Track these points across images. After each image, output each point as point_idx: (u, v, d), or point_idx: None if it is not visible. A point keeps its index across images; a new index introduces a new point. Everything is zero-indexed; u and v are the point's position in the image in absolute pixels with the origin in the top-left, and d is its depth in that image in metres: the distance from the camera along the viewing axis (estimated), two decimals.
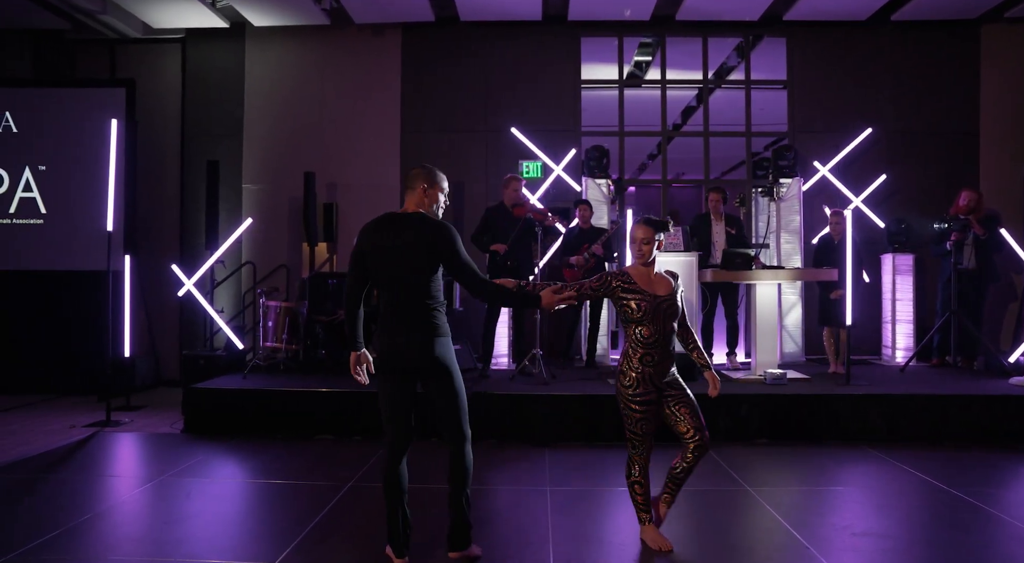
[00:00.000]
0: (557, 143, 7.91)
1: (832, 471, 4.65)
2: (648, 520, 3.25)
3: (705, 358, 3.39)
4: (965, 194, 6.96)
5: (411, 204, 3.17)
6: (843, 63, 8.04)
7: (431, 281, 3.04)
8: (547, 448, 5.13)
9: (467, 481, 3.14)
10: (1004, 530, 3.54)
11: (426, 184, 3.14)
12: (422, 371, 3.12)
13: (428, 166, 3.23)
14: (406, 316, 3.04)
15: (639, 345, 3.21)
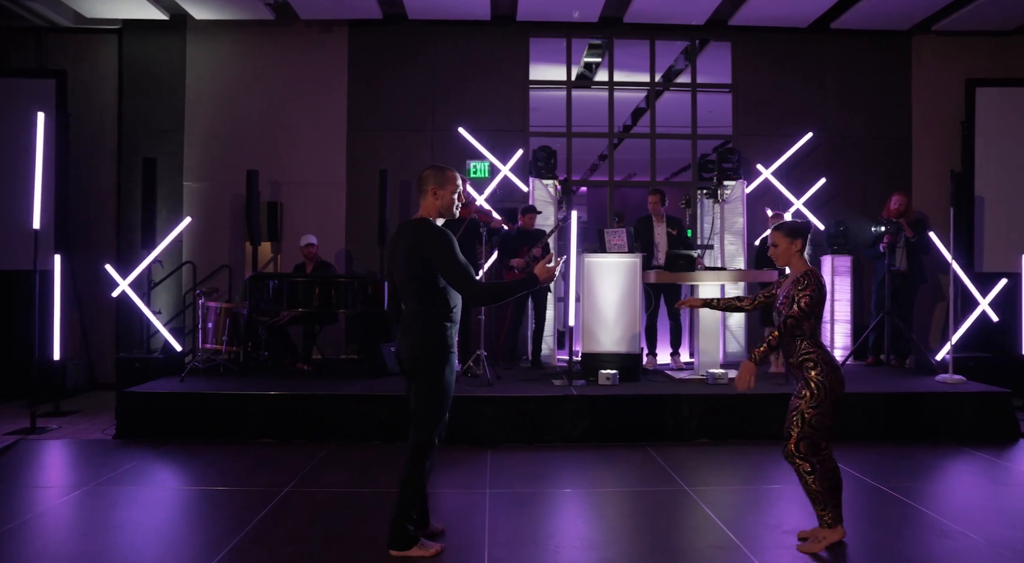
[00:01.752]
0: (505, 143, 7.90)
1: (770, 470, 4.73)
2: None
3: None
4: (896, 198, 7.18)
5: (422, 209, 3.17)
6: (786, 68, 8.22)
7: (424, 287, 3.05)
8: (490, 450, 5.11)
9: (404, 484, 3.12)
10: (925, 524, 3.65)
11: (436, 186, 3.12)
12: (409, 375, 3.16)
13: (438, 165, 3.21)
14: (404, 321, 3.14)
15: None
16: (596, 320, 6.27)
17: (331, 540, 3.41)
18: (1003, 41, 8.29)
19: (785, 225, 3.42)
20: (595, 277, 6.32)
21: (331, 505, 3.92)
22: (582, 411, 5.44)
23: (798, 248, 3.33)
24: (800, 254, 3.35)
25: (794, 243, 3.33)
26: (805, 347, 3.24)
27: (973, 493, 4.38)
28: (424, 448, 3.13)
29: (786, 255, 3.34)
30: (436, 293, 3.07)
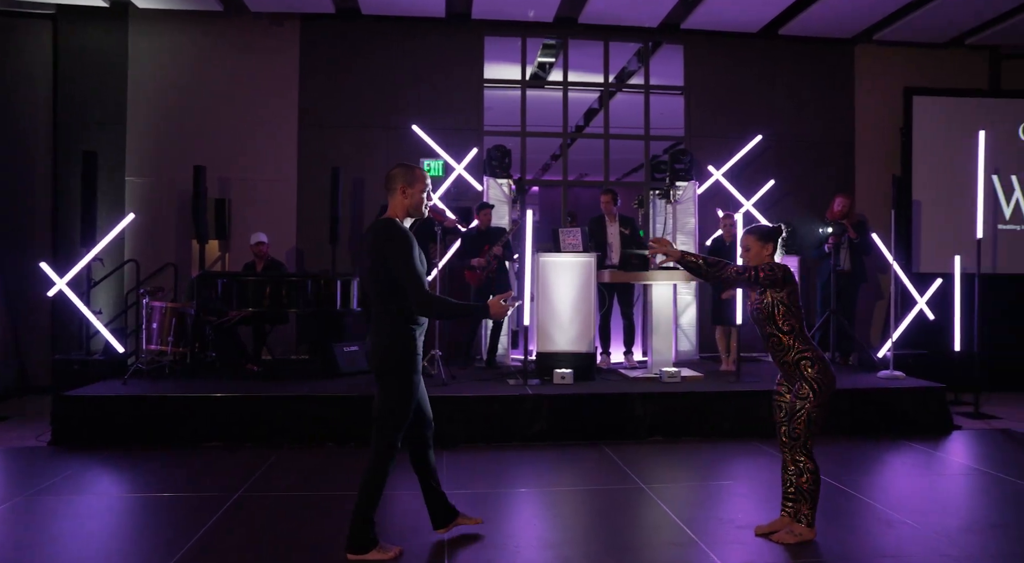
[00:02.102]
0: (459, 142, 7.85)
1: (723, 466, 4.82)
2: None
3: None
4: (839, 200, 7.41)
5: (390, 208, 3.13)
6: (736, 72, 8.38)
7: (387, 288, 3.01)
8: (447, 450, 5.06)
9: (364, 487, 3.08)
10: (871, 515, 3.77)
11: (405, 184, 3.08)
12: (375, 376, 3.09)
13: (407, 164, 3.17)
14: (372, 322, 3.11)
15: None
16: (551, 319, 6.29)
17: (285, 546, 3.33)
18: (937, 53, 8.64)
19: (756, 229, 3.45)
20: (550, 277, 6.34)
21: (284, 510, 3.83)
22: (538, 410, 5.45)
23: (769, 252, 3.38)
24: (771, 257, 3.40)
25: (765, 247, 3.38)
26: (799, 346, 3.28)
27: (914, 483, 4.54)
28: (388, 451, 3.08)
29: (758, 258, 3.38)
30: (400, 293, 3.00)
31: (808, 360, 3.26)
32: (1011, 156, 8.24)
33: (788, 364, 3.33)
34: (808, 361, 3.26)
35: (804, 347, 3.28)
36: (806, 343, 3.30)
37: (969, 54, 8.73)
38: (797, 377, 3.30)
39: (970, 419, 6.26)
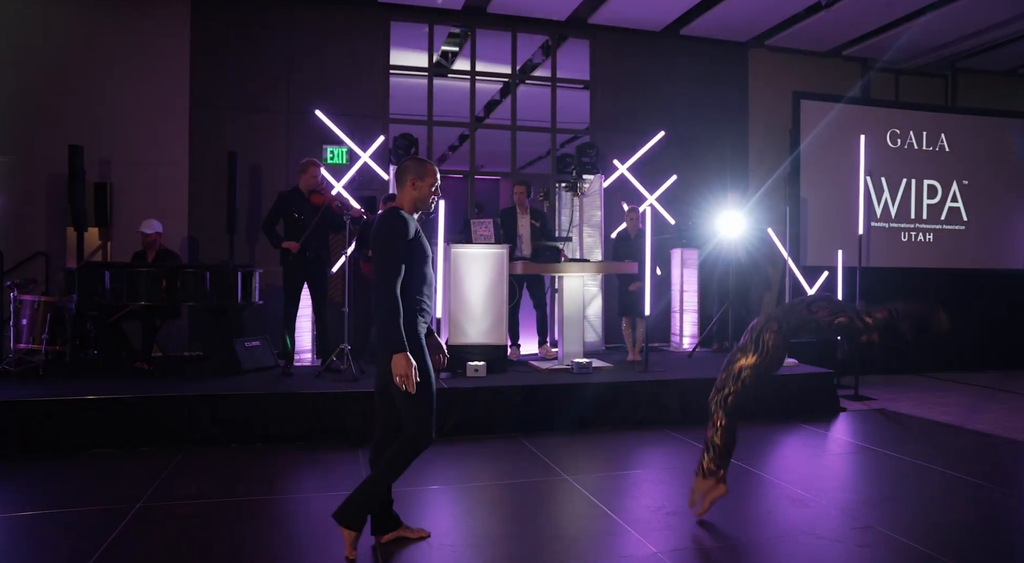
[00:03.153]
0: (364, 129, 7.60)
1: (640, 454, 4.93)
2: None
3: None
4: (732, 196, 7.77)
5: (398, 199, 3.15)
6: (640, 69, 8.59)
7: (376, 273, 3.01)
8: (360, 448, 4.89)
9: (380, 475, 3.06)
10: (780, 493, 3.97)
11: (415, 176, 3.11)
12: (382, 367, 3.00)
13: (419, 158, 3.21)
14: (374, 308, 3.06)
15: None
16: (463, 311, 6.22)
17: (199, 558, 3.09)
18: (821, 61, 9.23)
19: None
20: (462, 268, 6.26)
21: (193, 519, 3.56)
22: (453, 404, 5.37)
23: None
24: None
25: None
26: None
27: (813, 462, 4.82)
28: (419, 440, 3.00)
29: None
30: (407, 282, 3.00)
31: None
32: (880, 160, 8.93)
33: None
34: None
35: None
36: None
37: (845, 64, 9.38)
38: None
39: (851, 401, 6.73)
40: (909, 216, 9.22)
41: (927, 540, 3.30)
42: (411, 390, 2.88)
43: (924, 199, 9.31)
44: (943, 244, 9.36)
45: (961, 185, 9.49)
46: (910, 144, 9.25)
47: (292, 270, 5.92)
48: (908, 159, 9.23)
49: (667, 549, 3.18)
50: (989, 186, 9.65)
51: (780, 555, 3.16)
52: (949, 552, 3.15)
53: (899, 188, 9.17)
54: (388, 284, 2.92)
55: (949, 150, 9.42)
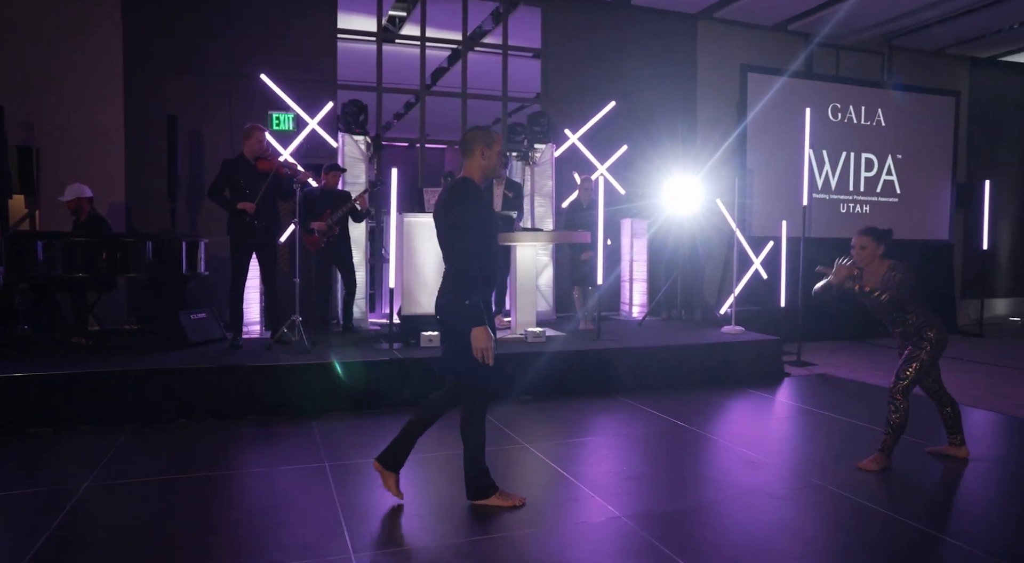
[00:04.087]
0: (312, 95, 7.37)
1: (596, 421, 4.99)
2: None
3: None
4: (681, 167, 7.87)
5: (466, 169, 3.18)
6: (592, 38, 8.55)
7: (450, 244, 3.09)
8: (315, 421, 4.82)
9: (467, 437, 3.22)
10: (734, 456, 4.09)
11: (483, 146, 3.15)
12: (447, 333, 3.18)
13: (481, 127, 3.26)
14: (443, 280, 3.16)
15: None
16: (416, 281, 6.15)
17: (155, 537, 3.00)
18: (767, 34, 9.35)
19: (872, 231, 3.88)
20: (415, 238, 6.18)
21: (146, 498, 3.45)
22: (408, 375, 5.33)
23: (882, 251, 3.84)
24: (881, 258, 3.84)
25: (879, 247, 3.84)
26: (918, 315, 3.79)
27: (762, 426, 4.98)
28: (479, 400, 3.17)
29: (872, 257, 3.85)
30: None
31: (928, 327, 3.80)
32: (822, 133, 9.17)
33: (911, 334, 3.84)
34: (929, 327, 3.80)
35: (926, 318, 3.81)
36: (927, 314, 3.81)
37: (790, 38, 9.54)
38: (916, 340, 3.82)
39: (794, 367, 6.98)
40: (848, 188, 9.52)
41: (870, 495, 3.45)
42: (490, 363, 3.03)
43: (862, 172, 9.63)
44: (878, 215, 9.71)
45: (895, 159, 9.84)
46: (850, 118, 9.51)
47: (241, 239, 5.72)
48: (848, 133, 9.51)
49: (630, 513, 3.24)
50: (920, 161, 10.04)
51: (738, 515, 3.26)
52: (890, 505, 3.31)
53: (839, 161, 9.45)
54: (467, 257, 3.01)
55: (885, 125, 9.74)
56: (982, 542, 2.97)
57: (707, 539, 2.99)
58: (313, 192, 6.51)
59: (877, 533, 3.06)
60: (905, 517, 3.20)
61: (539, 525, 3.12)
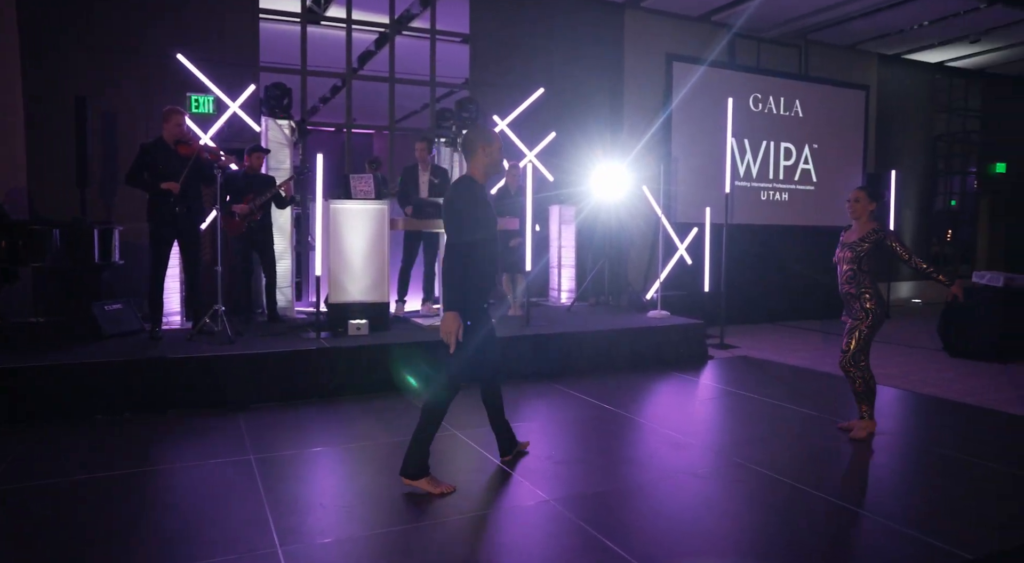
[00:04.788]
0: (233, 77, 7.10)
1: (526, 406, 5.03)
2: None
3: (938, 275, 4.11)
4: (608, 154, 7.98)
5: (471, 167, 3.32)
6: (521, 25, 8.53)
7: (448, 238, 3.26)
8: (241, 413, 4.69)
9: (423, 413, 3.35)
10: (661, 438, 4.21)
11: (484, 143, 3.30)
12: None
13: (477, 125, 3.24)
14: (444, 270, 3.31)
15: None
16: (343, 269, 6.04)
17: (75, 542, 2.87)
18: (693, 25, 9.55)
19: (867, 189, 4.26)
20: (341, 225, 6.06)
21: (63, 499, 3.28)
22: (336, 363, 5.25)
23: (873, 207, 4.19)
24: (871, 214, 4.20)
25: (871, 203, 4.18)
26: (867, 283, 4.14)
27: (687, 408, 5.13)
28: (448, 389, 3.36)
29: (864, 211, 4.18)
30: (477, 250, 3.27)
31: (869, 296, 4.13)
32: (744, 123, 9.45)
33: (853, 296, 4.17)
34: (868, 296, 4.13)
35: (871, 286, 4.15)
36: (873, 285, 4.16)
37: (714, 29, 9.78)
38: (857, 307, 4.15)
39: (718, 349, 7.21)
40: (768, 176, 9.86)
41: (789, 471, 3.61)
42: (451, 348, 3.20)
43: (781, 161, 9.99)
44: (796, 203, 10.11)
45: (812, 149, 10.25)
46: (769, 108, 9.84)
47: (161, 226, 5.47)
48: (768, 123, 9.83)
49: (559, 496, 3.29)
50: (834, 150, 10.49)
51: (665, 494, 3.35)
52: (807, 480, 3.47)
53: (760, 150, 9.77)
54: (459, 248, 3.17)
55: (803, 115, 10.12)
56: (891, 512, 3.15)
57: (634, 519, 3.07)
58: (236, 174, 6.31)
59: (795, 507, 3.20)
60: (821, 491, 3.36)
61: (469, 511, 3.13)
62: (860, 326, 4.16)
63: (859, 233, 4.20)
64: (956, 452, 4.02)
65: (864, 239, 4.15)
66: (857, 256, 4.16)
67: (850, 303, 4.23)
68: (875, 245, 4.12)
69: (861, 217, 4.23)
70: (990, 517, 3.12)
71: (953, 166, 13.34)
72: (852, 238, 4.23)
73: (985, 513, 3.17)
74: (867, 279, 4.16)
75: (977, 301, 7.01)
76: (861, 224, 4.23)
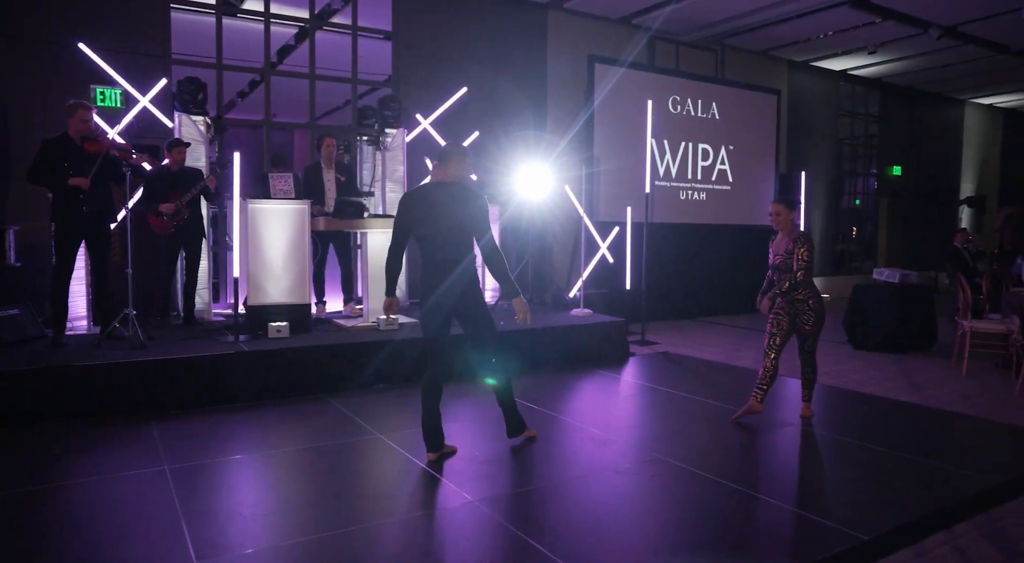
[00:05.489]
0: (143, 69, 6.80)
1: (450, 406, 4.98)
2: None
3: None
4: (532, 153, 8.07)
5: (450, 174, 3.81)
6: (444, 23, 8.49)
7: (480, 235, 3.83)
8: (155, 422, 4.52)
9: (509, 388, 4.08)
10: (577, 433, 4.30)
11: (460, 156, 3.77)
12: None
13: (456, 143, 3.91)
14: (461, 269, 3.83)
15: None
16: (262, 270, 5.90)
17: None
18: (615, 27, 9.74)
19: (785, 199, 4.55)
20: (260, 225, 5.91)
21: None
22: (256, 367, 5.13)
23: (794, 217, 4.48)
24: (793, 221, 4.48)
25: (792, 213, 4.47)
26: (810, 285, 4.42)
27: (609, 406, 5.26)
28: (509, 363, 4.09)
29: (787, 221, 4.47)
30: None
31: (813, 299, 4.43)
32: (663, 124, 9.71)
33: (799, 300, 4.44)
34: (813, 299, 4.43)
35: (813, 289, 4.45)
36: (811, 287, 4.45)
37: (635, 32, 10.00)
38: (805, 309, 4.43)
39: (639, 346, 7.40)
40: (687, 176, 10.17)
41: (704, 465, 3.76)
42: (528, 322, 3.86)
43: (699, 161, 10.31)
44: (713, 202, 10.46)
45: (728, 150, 10.62)
46: (688, 110, 10.14)
47: (67, 226, 5.18)
48: (686, 124, 10.13)
49: (482, 497, 3.32)
50: (749, 152, 10.91)
51: (585, 491, 3.43)
52: (723, 473, 3.62)
53: (679, 150, 10.06)
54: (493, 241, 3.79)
55: (719, 118, 10.47)
56: (795, 499, 3.32)
57: (557, 517, 3.13)
58: (159, 172, 6.07)
59: (710, 499, 3.33)
60: (734, 482, 3.51)
61: (392, 515, 3.12)
62: (814, 329, 4.50)
63: (787, 243, 4.47)
64: (854, 439, 4.27)
65: (793, 251, 4.43)
66: (785, 266, 4.45)
67: (798, 307, 4.48)
68: (802, 259, 4.42)
69: (785, 227, 4.50)
70: (880, 498, 3.34)
71: (857, 168, 14.09)
72: (782, 249, 4.51)
73: (876, 494, 3.39)
74: (807, 278, 4.43)
75: (877, 297, 7.45)
76: (787, 233, 4.50)
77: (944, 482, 3.59)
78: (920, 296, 7.50)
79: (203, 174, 6.28)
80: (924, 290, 7.59)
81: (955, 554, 2.84)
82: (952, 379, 6.09)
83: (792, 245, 4.43)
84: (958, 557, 2.81)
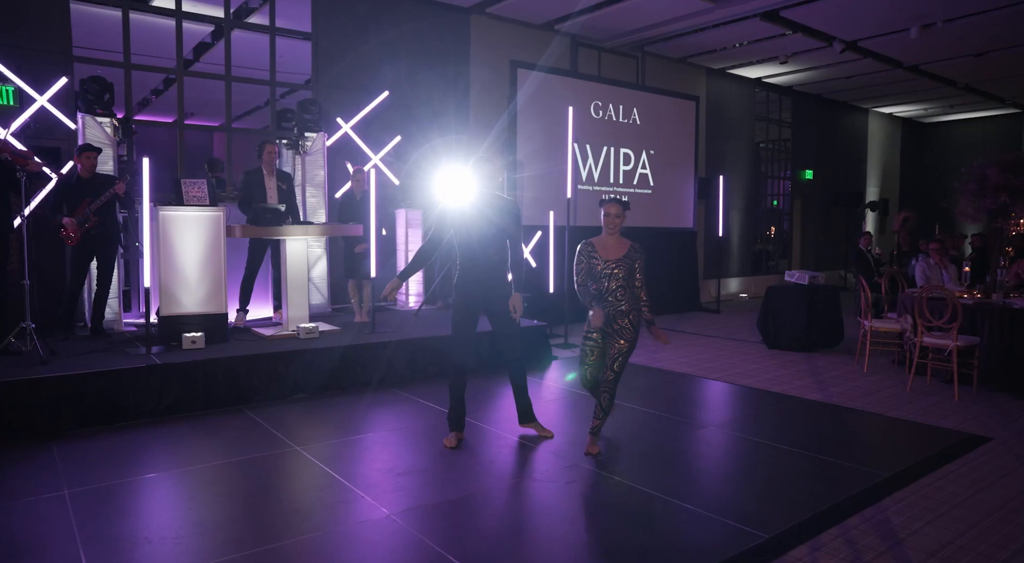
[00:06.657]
0: (40, 66, 6.46)
1: (371, 417, 4.99)
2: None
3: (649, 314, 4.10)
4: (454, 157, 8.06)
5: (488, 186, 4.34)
6: (365, 25, 8.38)
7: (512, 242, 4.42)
8: (55, 441, 4.32)
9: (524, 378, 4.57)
10: (497, 441, 4.34)
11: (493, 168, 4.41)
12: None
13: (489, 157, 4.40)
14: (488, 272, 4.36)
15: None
16: (176, 279, 5.71)
17: None
18: (537, 33, 9.83)
19: (620, 202, 4.22)
20: (173, 233, 5.72)
21: None
22: (168, 380, 4.96)
23: (624, 219, 4.18)
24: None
25: (623, 216, 4.18)
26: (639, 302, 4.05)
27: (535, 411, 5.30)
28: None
29: (620, 223, 4.16)
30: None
31: (636, 313, 4.04)
32: (586, 128, 9.88)
33: (625, 313, 3.99)
34: (636, 314, 4.04)
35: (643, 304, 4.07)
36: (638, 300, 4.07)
37: (558, 38, 10.12)
38: (625, 325, 3.99)
39: (562, 349, 7.50)
40: (609, 180, 10.36)
41: (622, 470, 3.85)
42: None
43: (621, 165, 10.53)
44: (636, 206, 10.67)
45: (648, 154, 10.88)
46: (609, 116, 10.33)
47: None
48: (608, 129, 10.32)
49: (399, 510, 3.31)
50: (669, 156, 11.20)
51: (503, 501, 3.47)
52: (638, 478, 3.72)
53: (600, 155, 10.24)
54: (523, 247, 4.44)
55: (640, 123, 10.72)
56: (708, 502, 3.45)
57: (474, 528, 3.16)
58: (70, 178, 5.79)
59: (624, 504, 3.42)
60: (651, 488, 3.61)
61: (307, 531, 3.08)
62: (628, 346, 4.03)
63: (618, 254, 4.09)
64: (764, 439, 4.46)
65: (628, 264, 4.06)
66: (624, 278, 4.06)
67: (620, 320, 4.03)
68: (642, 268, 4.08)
69: (615, 233, 4.15)
70: (782, 496, 3.50)
71: (774, 170, 14.67)
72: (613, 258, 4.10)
73: (779, 493, 3.55)
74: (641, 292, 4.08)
75: (788, 298, 7.79)
76: (616, 242, 4.14)
77: (839, 478, 3.79)
78: (827, 297, 7.87)
79: (115, 179, 6.03)
80: (831, 291, 7.97)
81: (846, 546, 3.01)
82: (853, 376, 6.42)
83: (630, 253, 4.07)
84: (848, 548, 2.98)
